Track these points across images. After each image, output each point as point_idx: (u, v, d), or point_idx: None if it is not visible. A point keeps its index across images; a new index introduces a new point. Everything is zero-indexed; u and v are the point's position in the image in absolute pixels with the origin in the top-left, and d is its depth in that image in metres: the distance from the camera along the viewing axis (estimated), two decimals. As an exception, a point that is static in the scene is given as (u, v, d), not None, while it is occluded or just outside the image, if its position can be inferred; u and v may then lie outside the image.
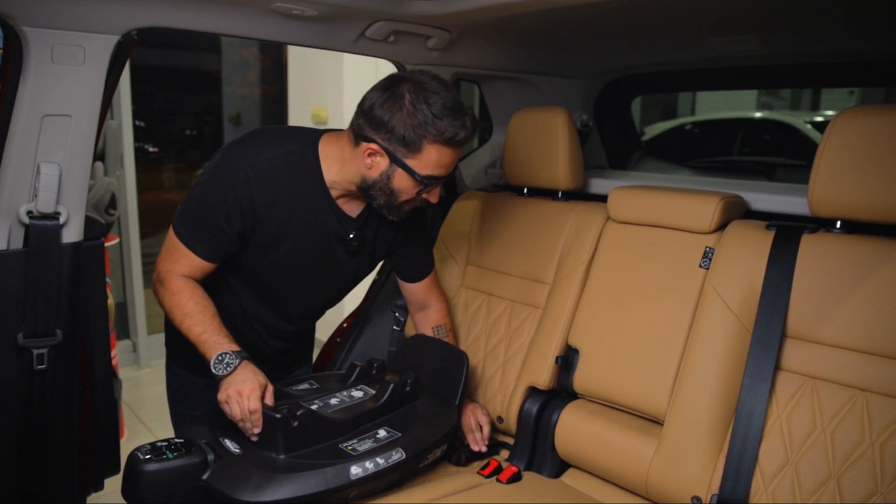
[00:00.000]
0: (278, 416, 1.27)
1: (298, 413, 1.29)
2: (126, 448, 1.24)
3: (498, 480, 1.53)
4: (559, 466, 1.62)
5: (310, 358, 1.86)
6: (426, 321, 1.76)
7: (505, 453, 1.69)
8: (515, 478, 1.55)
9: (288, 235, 1.41)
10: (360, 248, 1.50)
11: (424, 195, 1.37)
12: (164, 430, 3.01)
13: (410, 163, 1.29)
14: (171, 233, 1.40)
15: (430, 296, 1.75)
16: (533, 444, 1.63)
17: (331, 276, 1.53)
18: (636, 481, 1.43)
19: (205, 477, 1.22)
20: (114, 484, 1.87)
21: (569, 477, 1.60)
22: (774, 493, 1.24)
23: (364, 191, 1.36)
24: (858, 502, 1.15)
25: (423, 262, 1.71)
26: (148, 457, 1.21)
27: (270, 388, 1.33)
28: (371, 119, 1.29)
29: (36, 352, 1.35)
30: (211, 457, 1.25)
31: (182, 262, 1.38)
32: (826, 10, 1.57)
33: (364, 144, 1.30)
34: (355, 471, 1.28)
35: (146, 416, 3.26)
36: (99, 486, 1.64)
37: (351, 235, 1.46)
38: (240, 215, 1.34)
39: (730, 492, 1.27)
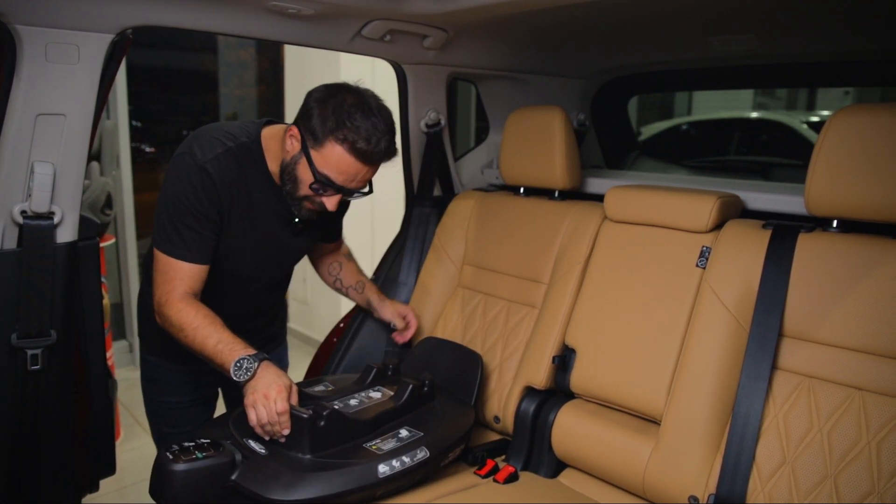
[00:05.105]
0: (305, 416, 1.27)
1: (325, 413, 1.29)
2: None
3: (495, 480, 1.53)
4: (556, 466, 1.62)
5: (284, 339, 1.90)
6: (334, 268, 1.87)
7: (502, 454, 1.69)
8: (512, 478, 1.54)
9: (245, 222, 1.49)
10: (305, 230, 1.61)
11: (322, 198, 1.42)
12: (160, 430, 2.99)
13: (314, 155, 1.37)
14: (158, 258, 1.41)
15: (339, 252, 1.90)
16: (530, 444, 1.63)
17: (280, 255, 1.63)
18: (633, 481, 1.43)
19: (234, 477, 1.22)
20: (109, 485, 1.86)
21: (566, 477, 1.60)
22: (771, 492, 1.24)
23: (281, 175, 1.45)
24: (855, 502, 1.15)
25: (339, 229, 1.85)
26: (178, 457, 1.20)
27: (295, 388, 1.34)
28: (303, 107, 1.39)
29: (30, 352, 1.35)
30: (239, 457, 1.25)
31: (179, 279, 1.39)
32: (823, 9, 1.57)
33: (290, 127, 1.41)
34: (383, 469, 1.29)
35: (143, 417, 3.22)
36: (94, 488, 1.63)
37: (296, 220, 1.54)
38: (216, 209, 1.42)
39: (727, 491, 1.27)
